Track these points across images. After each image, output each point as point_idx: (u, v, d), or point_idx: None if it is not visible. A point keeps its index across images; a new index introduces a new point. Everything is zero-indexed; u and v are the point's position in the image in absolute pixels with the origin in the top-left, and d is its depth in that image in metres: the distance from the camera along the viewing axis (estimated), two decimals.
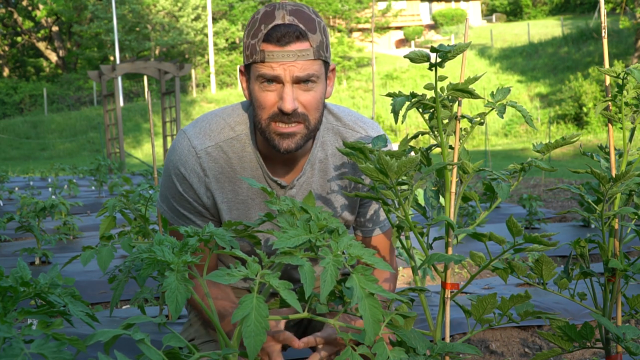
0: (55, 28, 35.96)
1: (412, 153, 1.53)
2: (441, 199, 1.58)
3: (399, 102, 1.48)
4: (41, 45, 36.49)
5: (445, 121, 1.51)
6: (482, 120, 1.52)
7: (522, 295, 1.55)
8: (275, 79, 1.55)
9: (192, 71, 30.97)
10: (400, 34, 41.21)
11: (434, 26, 42.84)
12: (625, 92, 1.62)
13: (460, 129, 1.53)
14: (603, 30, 1.67)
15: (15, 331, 1.06)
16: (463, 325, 2.76)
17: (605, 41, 1.69)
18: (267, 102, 1.57)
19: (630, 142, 1.63)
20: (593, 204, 1.66)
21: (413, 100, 1.48)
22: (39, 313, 1.17)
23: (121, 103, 18.77)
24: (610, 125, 1.70)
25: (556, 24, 36.79)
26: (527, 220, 5.63)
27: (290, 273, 1.82)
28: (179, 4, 32.23)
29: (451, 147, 1.53)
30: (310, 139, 1.68)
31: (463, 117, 1.52)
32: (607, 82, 1.68)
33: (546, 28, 36.04)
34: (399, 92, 1.50)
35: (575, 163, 14.67)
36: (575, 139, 1.53)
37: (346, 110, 1.81)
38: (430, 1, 44.94)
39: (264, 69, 1.54)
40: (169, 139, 15.11)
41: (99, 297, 3.52)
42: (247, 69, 1.62)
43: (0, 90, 31.66)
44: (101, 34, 32.81)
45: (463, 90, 1.46)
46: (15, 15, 35.16)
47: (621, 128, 1.65)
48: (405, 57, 1.43)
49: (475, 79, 1.44)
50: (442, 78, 1.45)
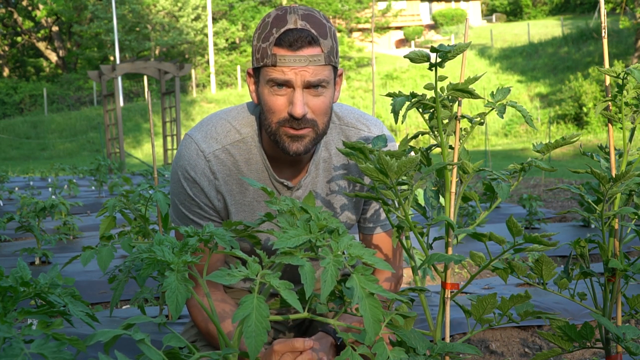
0: (55, 28, 35.96)
1: (412, 153, 1.53)
2: (441, 199, 1.58)
3: (399, 102, 1.48)
4: (41, 45, 36.49)
5: (445, 121, 1.51)
6: (482, 120, 1.52)
7: (522, 295, 1.55)
8: (286, 84, 1.55)
9: (192, 71, 30.98)
10: (400, 34, 41.22)
11: (434, 26, 42.84)
12: (625, 92, 1.62)
13: (460, 129, 1.53)
14: (603, 30, 1.67)
15: (15, 331, 1.06)
16: (463, 325, 2.76)
17: (605, 41, 1.69)
18: (277, 106, 1.57)
19: (630, 142, 1.63)
20: (593, 204, 1.66)
21: (413, 100, 1.48)
22: (39, 313, 1.17)
23: (121, 103, 18.77)
24: (610, 125, 1.70)
25: (556, 24, 36.80)
26: (527, 220, 5.63)
27: (290, 273, 1.82)
28: (179, 4, 32.23)
29: (451, 147, 1.53)
30: (318, 143, 1.68)
31: (463, 117, 1.52)
32: (607, 82, 1.68)
33: (546, 28, 36.05)
34: (399, 92, 1.50)
35: (575, 163, 14.67)
36: (575, 139, 1.53)
37: (349, 109, 1.81)
38: (430, 1, 44.94)
39: (275, 73, 1.54)
40: (169, 139, 15.11)
41: (99, 297, 3.52)
42: (256, 71, 1.61)
43: (0, 90, 31.67)
44: (101, 34, 32.82)
45: (463, 90, 1.46)
46: (15, 15, 35.16)
47: (621, 128, 1.65)
48: (405, 57, 1.42)
49: (475, 79, 1.44)
50: (442, 78, 1.45)
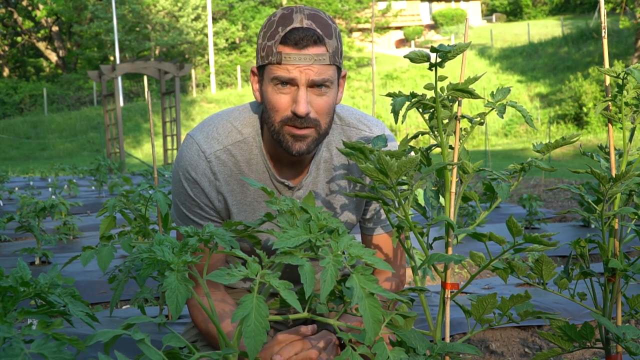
0: (55, 28, 35.97)
1: (412, 153, 1.53)
2: (441, 199, 1.58)
3: (399, 102, 1.48)
4: (41, 45, 36.49)
5: (445, 121, 1.51)
6: (482, 120, 1.52)
7: (522, 295, 1.55)
8: (290, 82, 1.55)
9: (192, 71, 30.98)
10: (400, 34, 41.22)
11: (434, 26, 42.84)
12: (625, 92, 1.62)
13: (460, 129, 1.53)
14: (603, 30, 1.67)
15: (15, 331, 1.06)
16: (463, 325, 2.76)
17: (605, 41, 1.69)
18: (280, 104, 1.57)
19: (630, 142, 1.63)
20: (593, 204, 1.66)
21: (413, 100, 1.48)
22: (39, 313, 1.17)
23: (121, 103, 18.77)
24: (610, 125, 1.70)
25: (556, 24, 36.80)
26: (527, 220, 5.63)
27: (290, 274, 1.82)
28: (179, 4, 32.23)
29: (451, 147, 1.53)
30: (320, 143, 1.68)
31: (463, 117, 1.52)
32: (607, 82, 1.68)
33: (546, 28, 36.05)
34: (399, 92, 1.50)
35: (575, 163, 14.67)
36: (575, 139, 1.53)
37: (350, 109, 1.81)
38: (430, 1, 44.95)
39: (280, 71, 1.54)
40: (169, 139, 15.11)
41: (99, 297, 3.52)
42: (260, 70, 1.62)
43: (0, 90, 31.67)
44: (101, 34, 32.82)
45: (463, 90, 1.46)
46: (15, 15, 35.16)
47: (621, 128, 1.65)
48: (405, 57, 1.43)
49: (475, 79, 1.44)
50: (442, 78, 1.45)
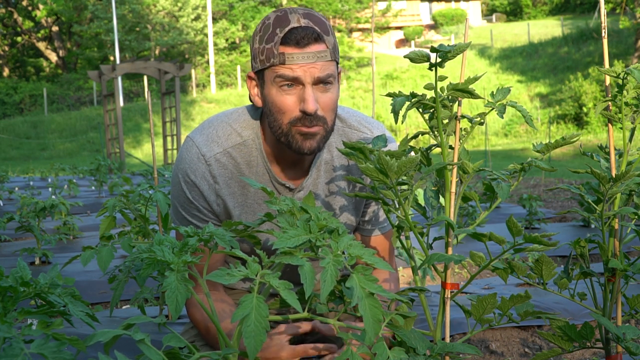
0: (55, 28, 35.97)
1: (412, 153, 1.53)
2: (441, 199, 1.58)
3: (399, 102, 1.48)
4: (41, 45, 36.49)
5: (445, 121, 1.51)
6: (482, 120, 1.52)
7: (522, 295, 1.55)
8: (295, 81, 1.55)
9: (192, 71, 30.98)
10: (400, 34, 41.22)
11: (434, 26, 42.84)
12: (625, 92, 1.62)
13: (460, 129, 1.53)
14: (603, 30, 1.67)
15: (15, 331, 1.06)
16: (463, 325, 2.76)
17: (605, 41, 1.69)
18: (287, 105, 1.56)
19: (630, 142, 1.63)
20: (593, 204, 1.66)
21: (413, 100, 1.48)
22: (39, 313, 1.17)
23: (121, 103, 18.77)
24: (610, 125, 1.70)
25: (556, 24, 36.80)
26: (527, 220, 5.63)
27: (290, 274, 1.82)
28: (179, 4, 32.23)
29: (451, 147, 1.53)
30: (327, 141, 1.68)
31: (463, 117, 1.52)
32: (607, 82, 1.68)
33: (546, 28, 36.06)
34: (399, 92, 1.50)
35: (575, 163, 14.67)
36: (575, 139, 1.53)
37: (350, 111, 1.81)
38: (430, 1, 44.95)
39: (284, 71, 1.54)
40: (169, 139, 15.11)
41: (99, 297, 3.52)
42: (259, 74, 1.61)
43: (0, 90, 31.67)
44: (101, 34, 32.82)
45: (463, 90, 1.46)
46: (15, 15, 35.16)
47: (621, 128, 1.65)
48: (405, 57, 1.43)
49: (475, 79, 1.44)
50: (442, 78, 1.45)
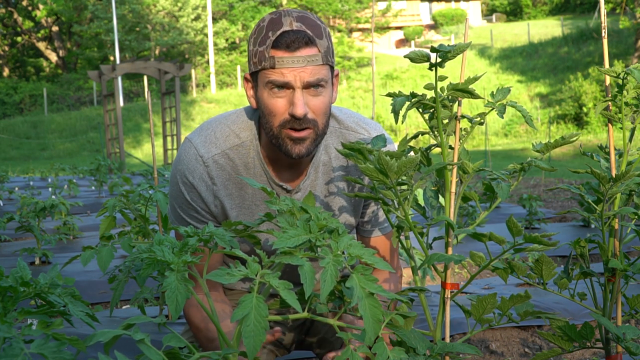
0: (55, 28, 35.96)
1: (412, 153, 1.53)
2: (441, 199, 1.58)
3: (399, 102, 1.48)
4: (41, 45, 36.49)
5: (445, 121, 1.51)
6: (482, 120, 1.52)
7: (522, 295, 1.55)
8: (285, 85, 1.55)
9: (192, 71, 30.98)
10: (400, 34, 41.22)
11: (434, 26, 42.84)
12: (625, 92, 1.62)
13: (460, 129, 1.53)
14: (603, 30, 1.67)
15: (15, 331, 1.06)
16: (463, 325, 2.76)
17: (605, 41, 1.69)
18: (277, 108, 1.57)
19: (630, 142, 1.63)
20: (593, 204, 1.66)
21: (413, 100, 1.48)
22: (39, 313, 1.17)
23: (121, 103, 18.77)
24: (610, 125, 1.70)
25: (556, 24, 36.80)
26: (527, 220, 5.63)
27: (290, 274, 1.82)
28: (179, 4, 32.23)
29: (451, 147, 1.53)
30: (319, 144, 1.69)
31: (463, 117, 1.52)
32: (607, 82, 1.68)
33: (546, 28, 36.05)
34: (399, 92, 1.50)
35: (575, 163, 14.67)
36: (574, 139, 1.53)
37: (348, 113, 1.81)
38: (430, 1, 44.94)
39: (274, 75, 1.55)
40: (169, 139, 15.11)
41: (99, 297, 3.52)
42: (254, 76, 1.62)
43: (0, 90, 31.66)
44: (101, 34, 32.81)
45: (463, 90, 1.46)
46: (15, 15, 35.16)
47: (621, 128, 1.65)
48: (405, 57, 1.43)
49: (475, 79, 1.44)
50: (442, 78, 1.45)
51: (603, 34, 1.68)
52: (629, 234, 1.74)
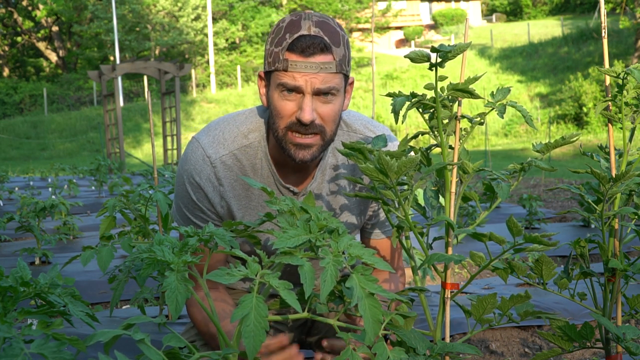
0: (55, 28, 35.96)
1: (412, 153, 1.53)
2: (441, 199, 1.58)
3: (399, 102, 1.48)
4: (41, 45, 36.49)
5: (445, 121, 1.51)
6: (482, 120, 1.52)
7: (522, 295, 1.55)
8: (295, 89, 1.55)
9: (192, 71, 30.98)
10: (400, 34, 41.22)
11: (434, 26, 42.84)
12: (625, 92, 1.62)
13: (460, 129, 1.53)
14: (603, 30, 1.67)
15: (15, 331, 1.06)
16: (463, 325, 2.76)
17: (605, 41, 1.69)
18: (285, 111, 1.57)
19: (630, 142, 1.63)
20: (593, 204, 1.66)
21: (413, 100, 1.48)
22: (39, 313, 1.17)
23: (121, 103, 18.77)
24: (610, 125, 1.70)
25: (556, 24, 36.80)
26: (527, 220, 5.63)
27: (290, 274, 1.82)
28: (179, 4, 32.23)
29: (451, 147, 1.53)
30: (326, 150, 1.68)
31: (463, 117, 1.52)
32: (607, 82, 1.68)
33: (546, 28, 36.05)
34: (399, 92, 1.50)
35: (575, 163, 14.67)
36: (575, 139, 1.53)
37: (356, 115, 1.81)
38: (430, 1, 44.95)
39: (286, 78, 1.55)
40: (169, 139, 15.11)
41: (99, 297, 3.52)
42: (267, 75, 1.62)
43: (0, 90, 31.66)
44: (101, 34, 32.82)
45: (463, 90, 1.46)
46: (15, 15, 35.16)
47: (621, 128, 1.65)
48: (405, 57, 1.43)
49: (475, 79, 1.44)
50: (442, 78, 1.45)
51: (603, 34, 1.68)
52: (629, 234, 1.74)
